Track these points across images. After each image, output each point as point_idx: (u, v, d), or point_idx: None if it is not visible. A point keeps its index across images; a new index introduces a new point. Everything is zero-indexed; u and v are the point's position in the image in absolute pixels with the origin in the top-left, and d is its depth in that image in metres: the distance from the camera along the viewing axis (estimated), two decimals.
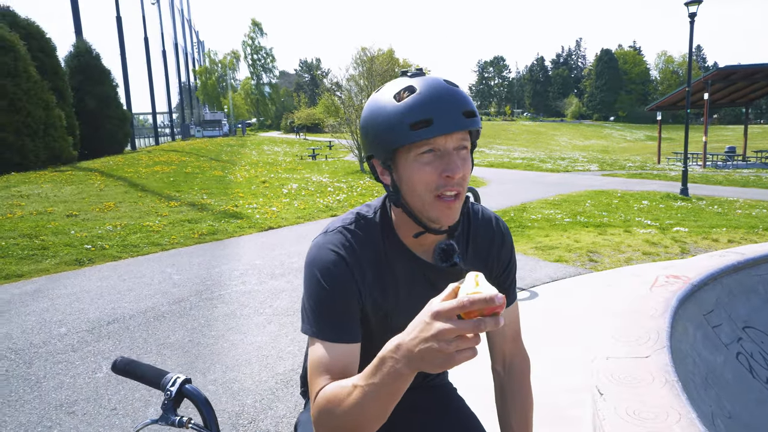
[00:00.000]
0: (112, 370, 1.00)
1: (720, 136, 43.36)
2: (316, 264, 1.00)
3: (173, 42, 41.18)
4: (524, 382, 1.20)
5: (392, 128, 0.94)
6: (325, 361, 0.95)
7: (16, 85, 12.96)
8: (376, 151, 1.00)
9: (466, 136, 0.97)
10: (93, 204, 8.92)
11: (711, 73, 21.32)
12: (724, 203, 10.71)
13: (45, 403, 2.76)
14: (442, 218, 0.97)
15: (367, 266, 1.02)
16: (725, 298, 2.28)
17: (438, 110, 0.92)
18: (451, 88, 0.95)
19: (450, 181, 0.94)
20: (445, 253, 1.04)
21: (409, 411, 1.22)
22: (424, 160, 0.95)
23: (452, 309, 0.66)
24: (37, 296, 4.54)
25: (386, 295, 1.05)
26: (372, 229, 1.05)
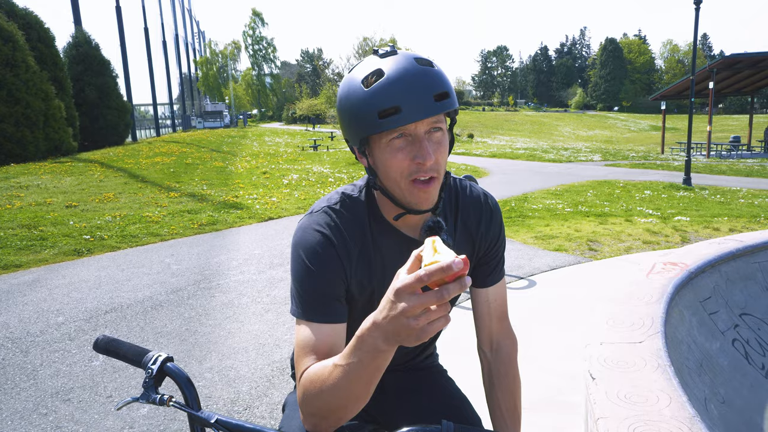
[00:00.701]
0: (93, 348, 0.99)
1: (725, 126, 43.09)
2: (301, 245, 0.99)
3: (173, 32, 41.00)
4: (512, 363, 1.18)
5: (362, 117, 0.91)
6: (310, 342, 0.94)
7: (15, 76, 12.93)
8: (350, 137, 0.98)
9: (439, 118, 0.94)
10: (92, 195, 8.93)
11: (716, 62, 21.11)
12: (727, 193, 10.65)
13: (41, 391, 2.76)
14: (419, 202, 0.96)
15: (353, 246, 1.01)
16: (723, 285, 2.25)
17: (406, 97, 0.88)
18: (421, 69, 0.90)
19: (422, 167, 0.92)
20: (432, 230, 1.02)
21: (400, 392, 1.22)
22: (396, 145, 0.92)
23: (411, 285, 0.64)
24: (35, 286, 4.55)
25: (372, 275, 1.04)
26: (358, 208, 1.04)
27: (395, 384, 1.23)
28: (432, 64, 0.93)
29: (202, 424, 0.91)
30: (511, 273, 4.87)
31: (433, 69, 0.92)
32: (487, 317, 1.17)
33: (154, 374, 0.93)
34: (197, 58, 55.47)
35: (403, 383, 1.23)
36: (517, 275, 4.81)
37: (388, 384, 1.22)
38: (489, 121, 51.48)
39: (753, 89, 25.79)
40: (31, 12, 15.39)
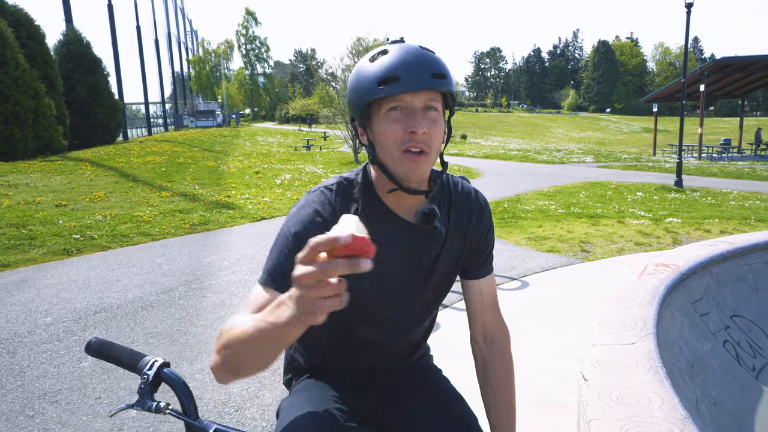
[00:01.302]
0: (85, 351, 0.97)
1: (716, 128, 43.53)
2: (293, 219, 1.05)
3: (166, 31, 40.76)
4: (506, 355, 1.22)
5: (364, 86, 1.00)
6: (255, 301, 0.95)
7: (5, 73, 12.79)
8: (354, 111, 1.05)
9: (435, 97, 1.01)
10: (83, 194, 8.84)
11: (707, 65, 21.33)
12: (718, 195, 10.74)
13: (28, 393, 2.72)
14: (410, 173, 1.01)
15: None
16: (714, 286, 2.26)
17: (405, 69, 0.97)
18: (423, 52, 1.00)
19: (414, 137, 0.98)
20: (427, 216, 1.07)
21: (395, 392, 1.21)
22: (392, 116, 1.00)
23: (306, 253, 0.64)
24: (23, 286, 4.49)
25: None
26: (353, 188, 1.09)
27: (390, 383, 1.22)
28: (434, 52, 1.03)
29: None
30: (504, 274, 4.88)
31: (434, 54, 1.02)
32: (480, 309, 1.21)
33: (150, 380, 0.91)
34: (190, 57, 55.15)
35: (398, 383, 1.22)
36: (509, 276, 4.82)
37: (384, 383, 1.22)
38: (482, 122, 51.62)
39: (743, 92, 26.07)
40: (21, 9, 15.22)
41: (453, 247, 1.15)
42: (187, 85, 53.01)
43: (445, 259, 1.15)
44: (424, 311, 1.19)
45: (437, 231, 1.09)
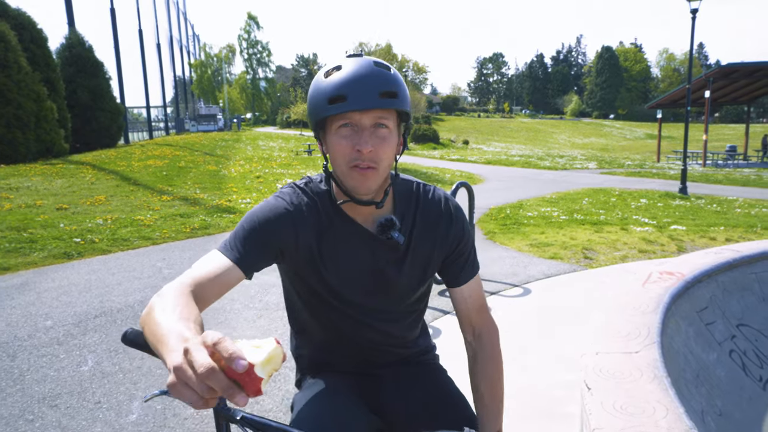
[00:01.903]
0: (121, 340, 1.00)
1: (721, 135, 43.45)
2: (260, 205, 1.11)
3: (168, 35, 40.91)
4: (494, 350, 1.24)
5: (317, 102, 1.04)
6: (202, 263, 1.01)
7: (7, 77, 12.82)
8: (310, 123, 1.10)
9: (385, 114, 1.03)
10: (84, 197, 8.84)
11: (712, 71, 21.32)
12: (723, 202, 10.70)
13: (27, 396, 2.71)
14: (358, 187, 1.05)
15: (310, 215, 1.11)
16: (720, 295, 2.24)
17: (353, 88, 0.99)
18: (375, 69, 1.02)
19: (360, 155, 1.02)
20: (383, 227, 1.11)
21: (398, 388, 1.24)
22: (342, 133, 1.03)
23: (209, 337, 0.63)
24: (23, 289, 4.48)
25: (323, 249, 1.12)
26: (319, 190, 1.15)
27: (393, 379, 1.25)
28: (389, 69, 1.05)
29: (227, 419, 0.94)
30: (506, 281, 4.85)
31: (387, 71, 1.03)
32: (466, 312, 1.23)
33: None
34: (192, 61, 55.34)
35: (401, 379, 1.25)
36: (511, 283, 4.79)
37: (386, 379, 1.25)
38: (484, 128, 51.67)
39: (749, 99, 26.05)
40: (23, 12, 15.27)
41: (418, 254, 1.18)
42: (188, 89, 53.17)
43: (410, 267, 1.18)
44: (399, 312, 1.23)
45: (394, 241, 1.12)
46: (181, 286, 0.93)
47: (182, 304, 0.85)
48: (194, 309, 0.85)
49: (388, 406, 1.21)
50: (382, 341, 1.24)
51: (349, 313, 1.18)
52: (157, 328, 0.79)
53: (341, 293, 1.15)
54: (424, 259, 1.19)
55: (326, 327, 1.21)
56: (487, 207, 9.30)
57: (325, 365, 1.27)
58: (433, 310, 4.04)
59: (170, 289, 0.91)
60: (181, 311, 0.82)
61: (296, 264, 1.13)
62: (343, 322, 1.19)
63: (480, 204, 8.84)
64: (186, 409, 2.59)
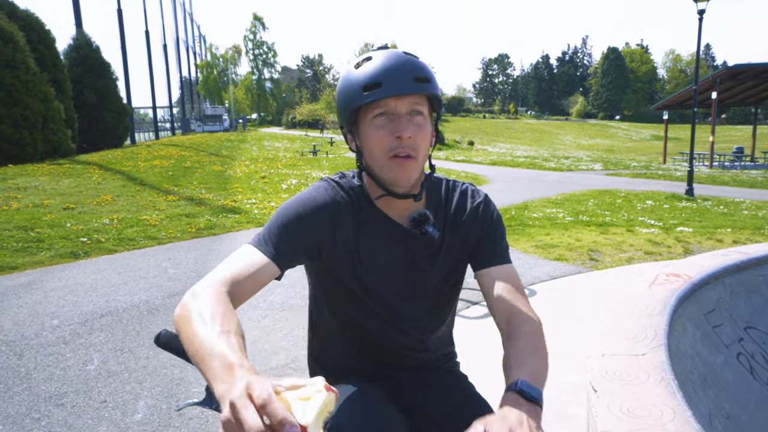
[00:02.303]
0: (154, 342, 0.99)
1: (728, 136, 43.19)
2: (295, 198, 1.09)
3: (174, 36, 41.11)
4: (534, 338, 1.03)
5: (350, 93, 1.03)
6: (235, 259, 0.99)
7: (15, 77, 12.91)
8: (341, 118, 1.08)
9: (420, 101, 1.03)
10: (90, 197, 8.90)
11: (719, 72, 21.20)
12: (730, 204, 10.63)
13: (34, 395, 2.72)
14: (398, 178, 1.04)
15: (346, 211, 1.09)
16: (727, 297, 2.22)
17: (388, 75, 0.99)
18: (405, 56, 1.02)
19: (400, 142, 1.01)
20: (416, 221, 1.10)
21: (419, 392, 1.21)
22: (378, 123, 1.02)
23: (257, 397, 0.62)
24: (30, 288, 4.51)
25: (359, 245, 1.10)
26: (353, 186, 1.14)
27: (415, 384, 1.22)
28: (418, 57, 1.05)
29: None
30: None
31: (417, 59, 1.04)
32: (497, 294, 1.09)
33: None
34: (198, 62, 55.59)
35: (423, 388, 1.22)
36: None
37: (408, 384, 1.22)
38: (489, 129, 51.60)
39: (756, 100, 25.85)
40: (32, 14, 15.39)
41: (451, 249, 1.16)
42: (194, 90, 53.40)
43: (443, 262, 1.16)
44: (428, 313, 1.20)
45: (429, 236, 1.10)
46: (216, 285, 0.90)
47: (221, 313, 0.82)
48: (233, 317, 0.83)
49: (410, 412, 1.18)
50: (408, 343, 1.20)
51: (378, 312, 1.15)
52: (198, 343, 0.77)
53: (375, 290, 1.13)
54: (457, 253, 1.17)
55: (353, 327, 1.19)
56: None
57: (347, 368, 1.23)
58: None
59: (206, 291, 0.88)
60: (221, 322, 0.80)
61: (332, 261, 1.10)
62: (372, 321, 1.16)
63: None
64: (191, 410, 2.59)
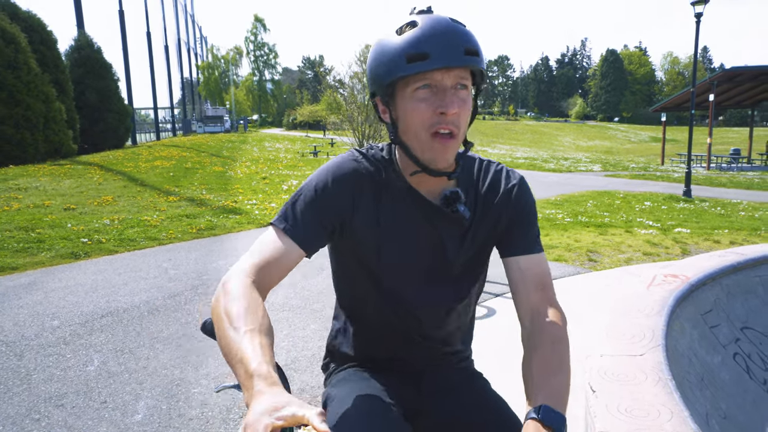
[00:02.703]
0: (201, 330, 1.02)
1: (725, 138, 43.26)
2: (317, 172, 1.05)
3: (176, 37, 41.15)
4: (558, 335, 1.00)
5: (390, 61, 0.94)
6: (261, 245, 0.97)
7: (17, 78, 12.94)
8: (377, 87, 0.99)
9: (466, 75, 0.96)
10: (91, 198, 8.91)
11: (717, 75, 21.26)
12: (727, 205, 10.65)
13: (34, 396, 2.73)
14: (436, 158, 0.97)
15: (371, 183, 1.05)
16: (724, 298, 2.24)
17: (436, 44, 0.91)
18: (454, 25, 0.94)
19: (444, 118, 0.93)
20: (448, 200, 1.04)
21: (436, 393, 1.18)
22: (420, 96, 0.94)
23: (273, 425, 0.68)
24: (31, 289, 4.52)
25: (381, 219, 1.05)
26: (381, 158, 1.08)
27: (431, 385, 1.19)
28: (465, 26, 0.96)
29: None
30: None
31: (467, 28, 0.96)
32: (523, 286, 1.05)
33: None
34: (199, 63, 55.62)
35: (439, 384, 1.19)
36: None
37: (425, 385, 1.19)
38: (489, 130, 51.62)
39: (753, 102, 25.91)
40: (34, 14, 15.43)
41: (479, 230, 1.10)
42: (195, 91, 53.43)
43: (471, 244, 1.10)
44: (452, 296, 1.13)
45: (460, 215, 1.04)
46: (243, 276, 0.92)
47: (247, 309, 0.86)
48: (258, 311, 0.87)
49: (427, 411, 1.15)
50: (426, 331, 1.14)
51: (397, 294, 1.09)
52: (226, 346, 0.82)
53: (397, 271, 1.07)
54: (486, 235, 1.11)
55: (371, 310, 1.13)
56: None
57: (364, 360, 1.19)
58: None
59: (234, 284, 0.90)
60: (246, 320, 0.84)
61: (353, 236, 1.05)
62: (390, 304, 1.10)
63: None
64: (191, 410, 2.60)
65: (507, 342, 3.45)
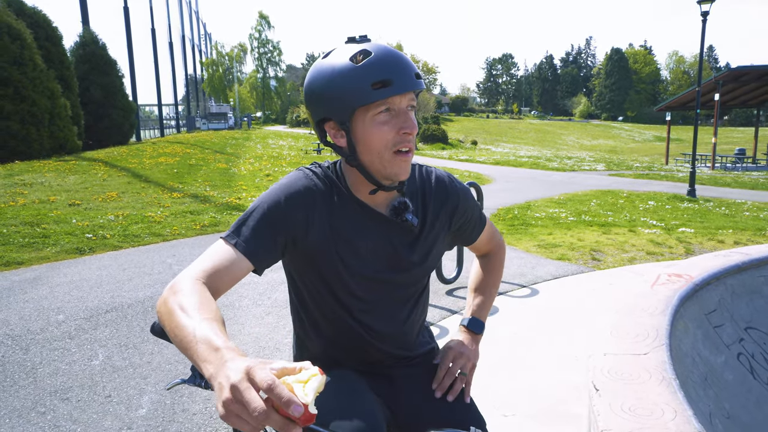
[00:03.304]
0: (150, 332, 1.03)
1: (730, 138, 43.05)
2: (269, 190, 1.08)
3: (180, 33, 41.20)
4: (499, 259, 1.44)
5: (353, 89, 0.99)
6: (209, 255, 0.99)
7: (22, 74, 12.99)
8: (334, 113, 1.04)
9: (413, 96, 1.05)
10: (96, 194, 8.94)
11: (722, 74, 21.14)
12: (731, 205, 10.61)
13: (39, 389, 2.75)
14: (400, 172, 1.06)
15: (323, 200, 1.09)
16: (728, 298, 2.23)
17: (396, 72, 0.99)
18: (400, 53, 1.04)
19: (407, 137, 1.03)
20: (397, 209, 1.12)
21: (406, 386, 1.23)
22: (382, 119, 1.02)
23: (261, 382, 0.64)
24: (36, 284, 4.54)
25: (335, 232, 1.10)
26: (329, 177, 1.13)
27: (399, 378, 1.25)
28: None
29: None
30: (514, 281, 4.85)
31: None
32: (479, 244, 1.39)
33: None
34: (203, 60, 55.69)
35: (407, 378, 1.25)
36: (519, 283, 4.79)
37: (392, 379, 1.24)
38: (493, 129, 51.52)
39: (759, 102, 25.76)
40: (39, 11, 15.48)
41: (430, 234, 1.19)
42: (199, 88, 53.52)
43: (423, 246, 1.19)
44: (408, 296, 1.23)
45: (409, 223, 1.13)
46: (195, 280, 0.92)
47: (201, 302, 0.85)
48: (212, 305, 0.86)
49: (395, 406, 1.21)
50: (387, 334, 1.21)
51: (357, 305, 1.15)
52: (181, 333, 0.80)
53: (353, 281, 1.13)
54: (435, 237, 1.21)
55: (333, 322, 1.18)
56: (495, 207, 9.29)
57: (333, 359, 1.24)
58: (441, 309, 4.05)
59: (184, 284, 0.90)
60: (201, 310, 0.83)
61: (307, 252, 1.09)
62: (351, 316, 1.16)
63: (488, 204, 8.82)
64: (194, 405, 2.62)
65: (510, 339, 3.45)
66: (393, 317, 1.20)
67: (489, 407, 2.54)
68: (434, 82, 71.05)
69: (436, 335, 3.50)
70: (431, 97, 41.78)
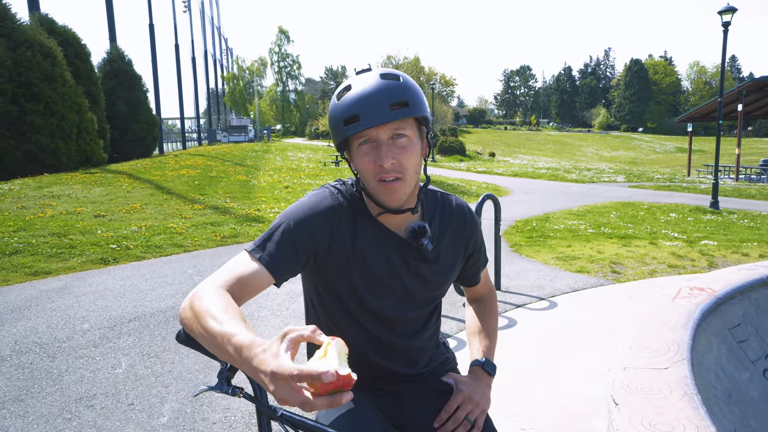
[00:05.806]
0: (176, 340, 1.07)
1: (754, 149, 42.10)
2: (294, 205, 1.12)
3: (203, 49, 42.15)
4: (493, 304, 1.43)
5: (335, 125, 1.07)
6: (232, 266, 1.02)
7: (53, 90, 13.43)
8: (335, 145, 1.12)
9: (401, 125, 1.05)
10: (120, 205, 9.16)
11: (745, 84, 20.77)
12: (756, 217, 10.35)
13: (66, 396, 2.82)
14: (388, 200, 1.08)
15: (344, 218, 1.12)
16: (753, 312, 2.19)
17: (364, 106, 1.01)
18: (381, 83, 1.03)
19: (382, 169, 1.05)
20: (415, 233, 1.14)
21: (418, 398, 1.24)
22: (364, 150, 1.06)
23: (287, 377, 0.68)
24: (63, 293, 4.66)
25: (355, 250, 1.13)
26: (352, 194, 1.17)
27: (413, 393, 1.25)
28: (398, 78, 1.05)
29: (268, 416, 0.99)
30: (532, 293, 4.81)
31: (395, 82, 1.05)
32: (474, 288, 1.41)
33: (228, 366, 1.00)
34: (224, 74, 56.81)
35: (422, 393, 1.26)
36: (537, 296, 4.75)
37: (406, 394, 1.25)
38: (511, 140, 51.29)
39: None
40: (69, 29, 16.04)
41: (445, 260, 1.22)
42: (221, 101, 54.56)
43: (437, 272, 1.21)
44: (421, 316, 1.25)
45: (424, 248, 1.15)
46: (218, 287, 0.96)
47: (225, 306, 0.89)
48: (237, 308, 0.90)
49: (409, 421, 1.21)
50: (402, 352, 1.22)
51: (372, 321, 1.18)
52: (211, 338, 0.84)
53: (369, 298, 1.15)
54: (449, 264, 1.23)
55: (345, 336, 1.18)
56: (513, 219, 9.23)
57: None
58: (458, 321, 4.04)
59: (207, 292, 0.93)
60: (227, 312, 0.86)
61: (327, 268, 1.12)
62: (363, 329, 1.18)
63: (506, 216, 8.78)
64: (214, 414, 2.66)
65: (528, 352, 3.42)
66: (406, 335, 1.22)
67: (507, 420, 2.52)
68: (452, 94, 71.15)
69: (453, 347, 3.48)
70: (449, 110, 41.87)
